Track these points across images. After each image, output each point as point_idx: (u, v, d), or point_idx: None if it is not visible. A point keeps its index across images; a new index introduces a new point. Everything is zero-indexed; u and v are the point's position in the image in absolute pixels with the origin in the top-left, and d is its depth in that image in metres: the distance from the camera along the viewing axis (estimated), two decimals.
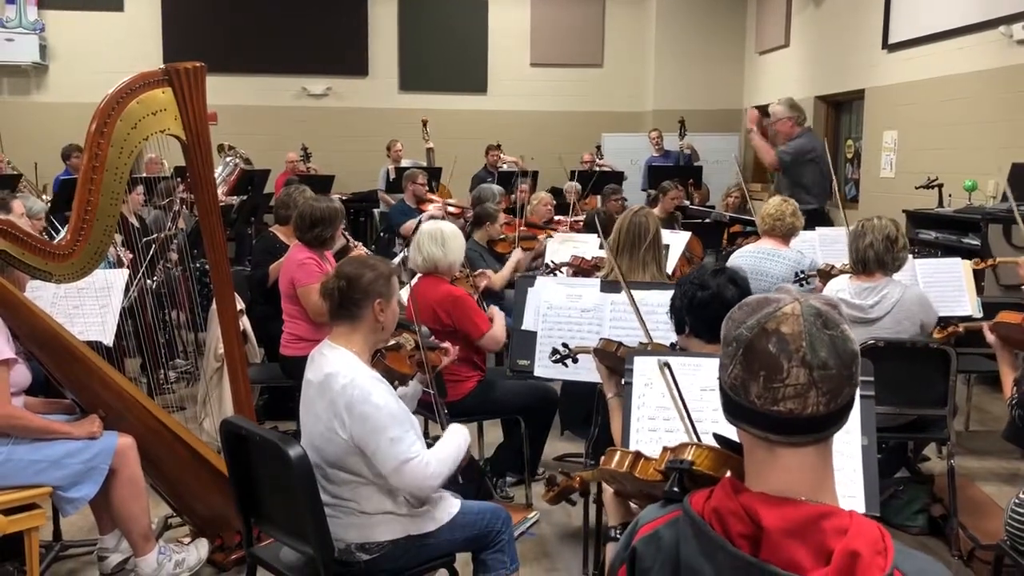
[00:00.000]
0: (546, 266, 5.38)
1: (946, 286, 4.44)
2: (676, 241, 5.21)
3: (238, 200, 7.74)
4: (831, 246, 5.03)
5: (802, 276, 4.29)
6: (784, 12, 10.30)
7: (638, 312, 2.16)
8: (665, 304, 2.73)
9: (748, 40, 11.56)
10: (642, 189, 9.58)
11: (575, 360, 3.17)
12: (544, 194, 7.39)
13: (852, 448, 1.99)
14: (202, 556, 3.38)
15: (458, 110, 11.60)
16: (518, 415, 4.04)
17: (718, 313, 2.40)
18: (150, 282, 5.06)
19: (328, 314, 2.69)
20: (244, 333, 4.17)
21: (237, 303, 3.60)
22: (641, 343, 2.85)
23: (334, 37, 11.42)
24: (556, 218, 7.25)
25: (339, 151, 11.13)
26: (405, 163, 9.82)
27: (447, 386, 3.84)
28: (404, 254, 5.65)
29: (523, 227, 6.31)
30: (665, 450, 1.50)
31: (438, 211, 7.27)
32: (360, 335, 2.63)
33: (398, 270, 3.17)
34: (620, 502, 1.75)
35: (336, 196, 7.42)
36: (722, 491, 1.27)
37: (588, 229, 6.36)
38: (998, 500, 3.85)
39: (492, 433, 4.45)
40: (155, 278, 5.21)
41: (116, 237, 4.89)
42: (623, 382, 2.27)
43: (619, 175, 9.32)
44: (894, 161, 8.00)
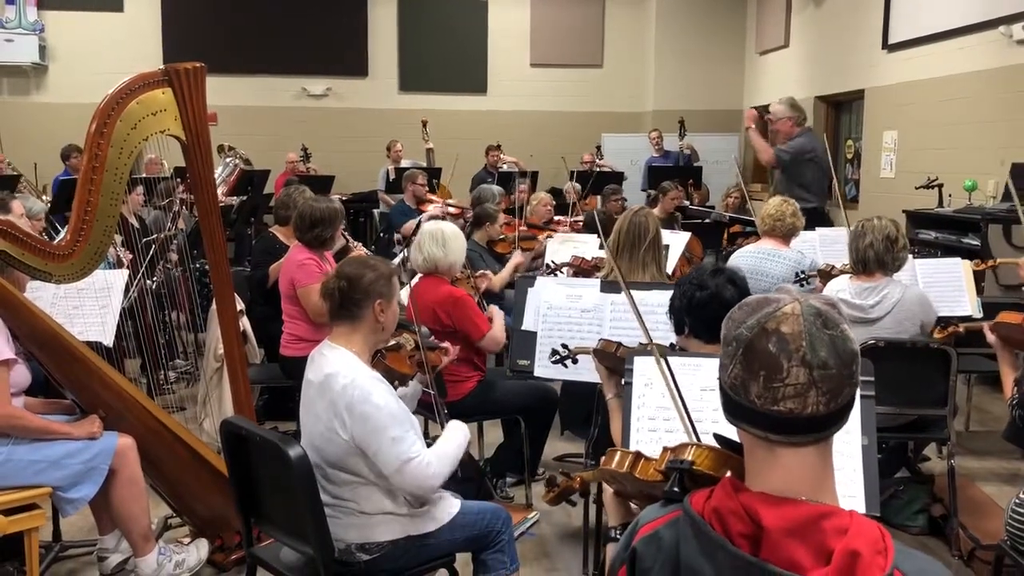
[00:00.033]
0: (547, 266, 5.38)
1: (946, 286, 4.44)
2: (676, 241, 5.22)
3: (238, 200, 7.74)
4: (831, 246, 5.03)
5: (802, 276, 4.29)
6: (784, 12, 10.30)
7: (637, 313, 2.16)
8: (665, 304, 2.73)
9: (748, 40, 11.55)
10: (642, 189, 9.58)
11: (575, 361, 3.17)
12: (544, 194, 7.39)
13: (852, 448, 1.99)
14: (202, 556, 3.39)
15: (458, 110, 11.60)
16: (518, 415, 4.04)
17: (717, 313, 2.40)
18: (150, 282, 5.06)
19: (328, 314, 2.69)
20: (244, 333, 4.16)
21: (237, 303, 3.60)
22: (641, 344, 2.85)
23: (334, 37, 11.42)
24: (556, 218, 7.26)
25: (339, 151, 11.13)
26: (405, 163, 9.82)
27: (447, 386, 3.84)
28: (404, 254, 5.64)
29: (523, 227, 6.31)
30: (665, 450, 1.50)
31: (438, 211, 7.27)
32: (360, 335, 2.63)
33: (398, 270, 3.17)
34: (620, 502, 1.75)
35: (336, 196, 7.41)
36: (722, 491, 1.27)
37: (587, 229, 6.36)
38: (998, 500, 3.84)
39: (492, 433, 4.45)
40: (155, 279, 5.20)
41: (116, 238, 4.90)
42: (623, 382, 2.27)
43: (619, 175, 9.31)
44: (894, 161, 8.00)
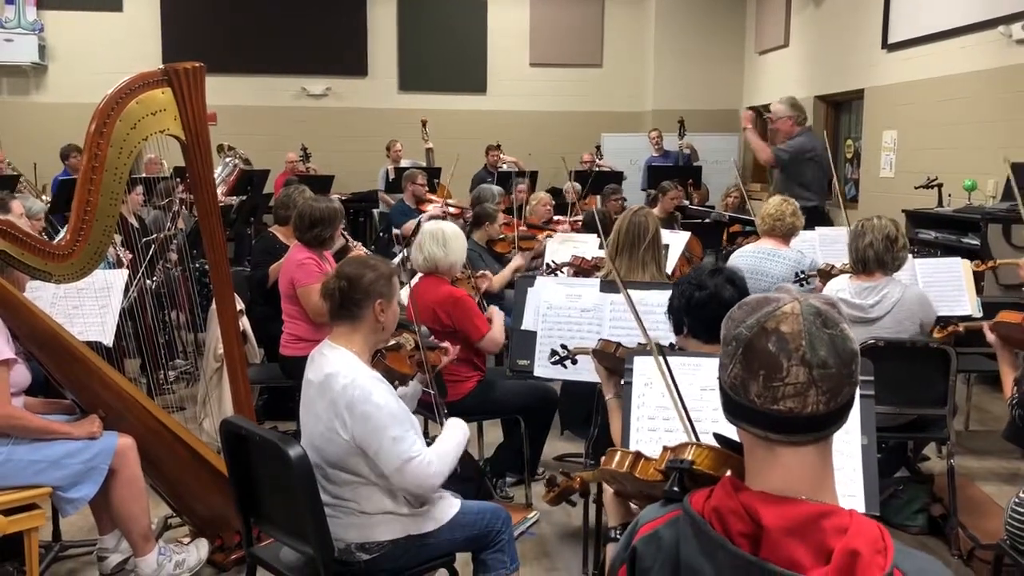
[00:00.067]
0: (547, 266, 5.38)
1: (946, 286, 4.44)
2: (676, 241, 5.22)
3: (237, 200, 7.74)
4: (831, 246, 5.03)
5: (802, 276, 4.29)
6: (784, 12, 10.30)
7: (635, 312, 2.15)
8: (664, 304, 2.73)
9: (748, 40, 11.55)
10: (642, 189, 9.57)
11: (574, 361, 3.17)
12: (543, 194, 7.39)
13: (852, 448, 1.99)
14: (202, 556, 3.39)
15: (457, 110, 11.60)
16: (518, 415, 4.04)
17: (716, 313, 2.40)
18: (150, 282, 5.06)
19: (329, 314, 2.68)
20: (244, 333, 4.17)
21: (237, 303, 3.60)
22: (640, 344, 2.85)
23: (333, 37, 11.42)
24: (555, 218, 7.26)
25: (338, 151, 11.13)
26: (404, 163, 9.81)
27: (447, 386, 3.84)
28: (403, 254, 5.64)
29: (522, 227, 6.31)
30: (665, 450, 1.50)
31: (438, 211, 7.27)
32: (360, 335, 2.63)
33: (398, 270, 3.17)
34: (620, 503, 1.75)
35: (335, 196, 7.42)
36: (722, 490, 1.27)
37: (586, 229, 6.36)
38: (998, 500, 3.84)
39: (492, 433, 4.45)
40: (155, 278, 5.20)
41: (116, 237, 4.89)
42: (623, 382, 2.27)
43: (618, 175, 9.31)
44: (894, 161, 8.00)
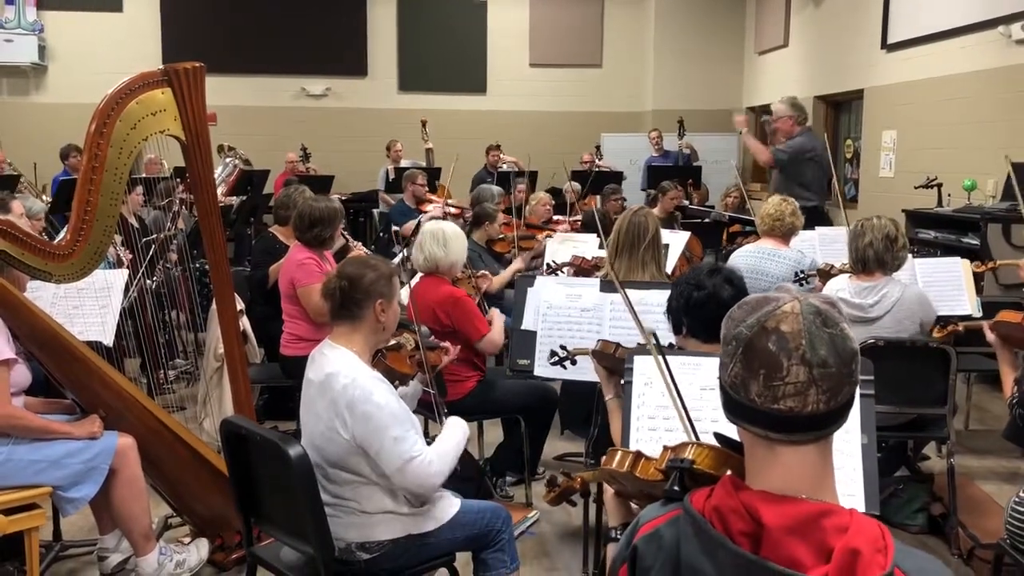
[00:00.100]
0: (547, 266, 5.37)
1: (945, 285, 4.44)
2: (676, 241, 5.22)
3: (237, 200, 7.74)
4: (830, 245, 5.03)
5: (801, 276, 4.29)
6: (783, 12, 10.30)
7: (633, 312, 2.15)
8: (664, 304, 2.73)
9: (747, 40, 11.56)
10: (642, 189, 9.57)
11: (573, 362, 3.18)
12: (543, 194, 7.39)
13: (852, 447, 1.99)
14: (203, 556, 3.39)
15: (457, 110, 11.60)
16: (518, 415, 4.04)
17: (714, 313, 2.41)
18: (150, 282, 5.06)
19: (329, 314, 2.68)
20: (244, 333, 4.17)
21: (237, 303, 3.60)
22: (639, 344, 2.85)
23: (333, 37, 11.42)
24: (555, 218, 7.26)
25: (338, 151, 11.13)
26: (404, 163, 9.81)
27: (447, 386, 3.85)
28: (404, 254, 5.64)
29: (522, 227, 6.31)
30: (666, 449, 1.50)
31: (438, 212, 7.26)
32: (361, 335, 2.63)
33: (399, 270, 3.17)
34: (621, 502, 1.75)
35: (336, 196, 7.41)
36: (723, 489, 1.27)
37: (585, 229, 6.36)
38: (998, 499, 3.84)
39: (492, 433, 4.45)
40: (155, 278, 5.21)
41: (116, 237, 4.89)
42: (622, 382, 2.27)
43: (618, 175, 9.31)
44: (893, 161, 8.00)
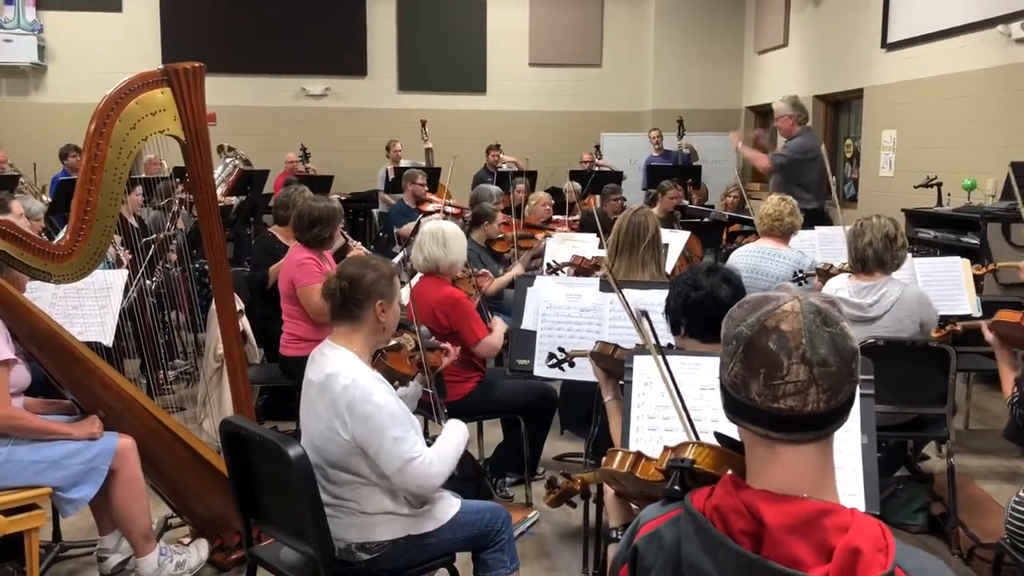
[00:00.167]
0: (547, 266, 5.37)
1: (945, 285, 4.44)
2: (675, 240, 5.22)
3: (237, 200, 7.74)
4: (830, 245, 5.03)
5: (800, 276, 4.29)
6: (783, 11, 10.30)
7: (631, 313, 2.15)
8: (663, 303, 2.73)
9: (747, 39, 11.55)
10: (643, 189, 9.57)
11: (572, 364, 3.18)
12: (543, 194, 7.38)
13: (852, 447, 1.99)
14: (203, 557, 3.39)
15: (457, 110, 11.59)
16: (518, 415, 4.04)
17: (713, 313, 2.41)
18: (149, 283, 5.06)
19: (329, 314, 2.68)
20: (243, 333, 4.17)
21: (236, 303, 3.60)
22: (638, 344, 2.85)
23: (333, 37, 11.42)
24: (555, 218, 7.25)
25: (338, 151, 11.13)
26: (404, 163, 9.81)
27: (447, 386, 3.84)
28: (403, 254, 5.64)
29: (521, 227, 6.31)
30: (666, 449, 1.50)
31: (437, 211, 7.26)
32: (361, 335, 2.63)
33: (399, 270, 3.17)
34: (621, 503, 1.75)
35: (335, 196, 7.41)
36: (723, 488, 1.27)
37: (584, 229, 6.36)
38: (998, 498, 3.84)
39: (492, 433, 4.45)
40: (154, 279, 5.20)
41: (115, 238, 4.89)
42: (622, 382, 2.26)
43: (618, 175, 9.31)
44: (893, 160, 8.00)
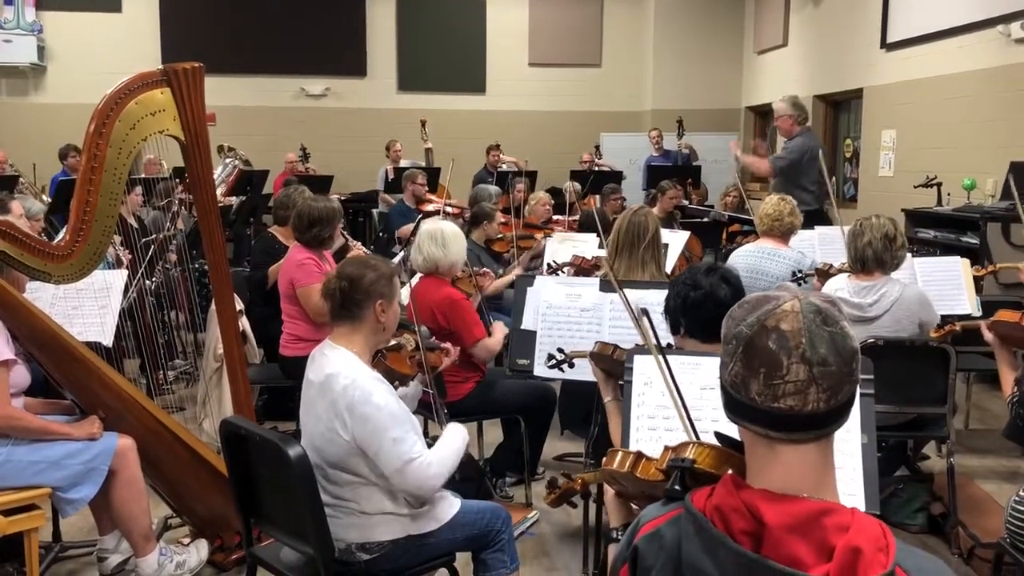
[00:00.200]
0: (548, 266, 5.37)
1: (945, 285, 4.44)
2: (675, 240, 5.22)
3: (237, 201, 7.74)
4: (829, 245, 5.03)
5: (799, 276, 4.28)
6: (782, 11, 10.30)
7: (632, 312, 2.15)
8: (663, 303, 2.73)
9: (746, 39, 11.56)
10: (642, 189, 9.57)
11: (571, 365, 3.18)
12: (543, 194, 7.38)
13: (852, 446, 1.99)
14: (202, 557, 3.39)
15: (457, 110, 11.59)
16: (518, 415, 4.04)
17: (712, 313, 2.41)
18: (149, 283, 5.06)
19: (329, 314, 2.68)
20: (243, 334, 4.16)
21: (236, 304, 3.60)
22: (638, 344, 2.84)
23: (332, 37, 11.42)
24: (555, 218, 7.25)
25: (338, 151, 11.13)
26: (404, 163, 9.81)
27: (447, 386, 3.84)
28: (403, 254, 5.64)
29: (520, 227, 6.30)
30: (666, 449, 1.50)
31: (437, 212, 7.25)
32: (361, 336, 2.63)
33: (399, 270, 3.17)
34: (622, 503, 1.75)
35: (335, 196, 7.40)
36: (724, 488, 1.27)
37: (583, 229, 6.36)
38: (998, 498, 3.84)
39: (492, 433, 4.45)
40: (154, 279, 5.20)
41: (115, 238, 4.89)
42: (622, 382, 2.26)
43: (618, 175, 9.31)
44: (893, 160, 8.01)
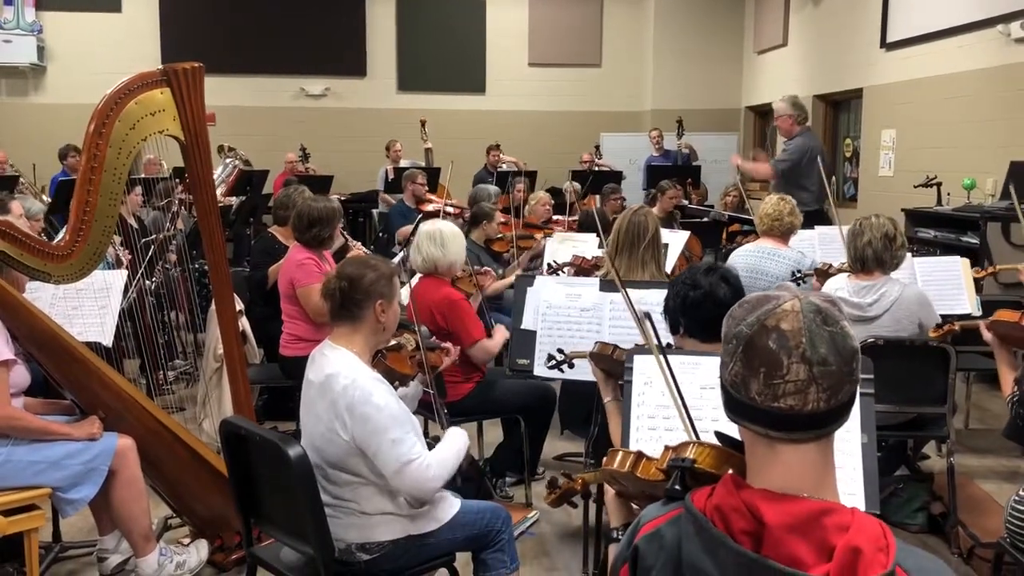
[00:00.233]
0: (548, 266, 5.37)
1: (945, 284, 4.44)
2: (675, 240, 5.22)
3: (237, 201, 7.73)
4: (829, 245, 5.03)
5: (799, 276, 4.28)
6: (782, 11, 10.30)
7: (634, 312, 2.15)
8: (663, 303, 2.73)
9: (746, 39, 11.56)
10: (642, 188, 9.57)
11: (571, 366, 3.18)
12: (543, 194, 7.38)
13: (852, 446, 1.99)
14: (202, 557, 3.39)
15: (456, 110, 11.59)
16: (518, 415, 4.04)
17: (711, 312, 2.41)
18: (149, 283, 5.06)
19: (329, 314, 2.68)
20: (243, 334, 4.17)
21: (236, 304, 3.60)
22: (638, 344, 2.84)
23: (332, 37, 11.42)
24: (555, 218, 7.25)
25: (338, 151, 11.12)
26: (404, 163, 9.81)
27: (447, 386, 3.84)
28: (403, 254, 5.64)
29: (520, 227, 6.30)
30: (667, 449, 1.50)
31: (437, 212, 7.25)
32: (361, 336, 2.63)
33: (399, 270, 3.17)
34: (622, 503, 1.75)
35: (335, 196, 7.40)
36: (724, 488, 1.27)
37: (583, 229, 6.36)
38: (998, 498, 3.84)
39: (492, 433, 4.44)
40: (154, 279, 5.20)
41: (115, 238, 4.89)
42: (622, 381, 2.26)
43: (618, 175, 9.31)
44: (892, 160, 8.01)
